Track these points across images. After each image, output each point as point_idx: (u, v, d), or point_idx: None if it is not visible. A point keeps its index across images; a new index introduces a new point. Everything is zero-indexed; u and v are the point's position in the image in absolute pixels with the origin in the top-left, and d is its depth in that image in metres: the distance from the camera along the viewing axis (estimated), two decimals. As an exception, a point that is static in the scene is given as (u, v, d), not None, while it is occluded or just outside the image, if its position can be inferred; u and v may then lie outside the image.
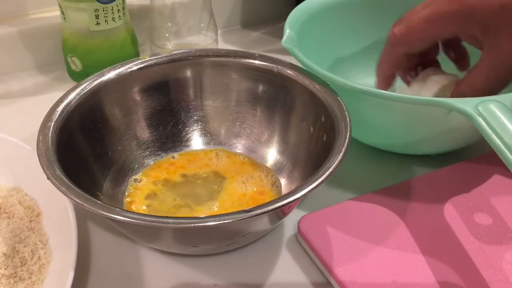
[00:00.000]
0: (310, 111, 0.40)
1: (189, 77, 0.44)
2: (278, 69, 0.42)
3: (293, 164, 0.41)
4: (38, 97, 0.56)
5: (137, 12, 0.62)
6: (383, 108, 0.40)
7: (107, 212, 0.29)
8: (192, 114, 0.45)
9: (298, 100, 0.41)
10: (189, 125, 0.45)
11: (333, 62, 0.53)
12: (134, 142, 0.42)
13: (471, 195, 0.41)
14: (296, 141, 0.42)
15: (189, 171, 0.42)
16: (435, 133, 0.41)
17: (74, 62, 0.55)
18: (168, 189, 0.41)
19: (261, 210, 0.29)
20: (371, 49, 0.54)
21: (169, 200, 0.40)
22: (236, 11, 0.72)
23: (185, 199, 0.40)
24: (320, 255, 0.35)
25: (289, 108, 0.42)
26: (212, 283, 0.35)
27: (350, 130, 0.35)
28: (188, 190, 0.41)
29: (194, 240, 0.33)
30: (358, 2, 0.53)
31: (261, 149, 0.43)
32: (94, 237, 0.39)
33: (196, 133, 0.45)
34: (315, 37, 0.50)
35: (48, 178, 0.31)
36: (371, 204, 0.40)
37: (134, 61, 0.42)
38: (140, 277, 0.36)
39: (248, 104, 0.44)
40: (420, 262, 0.35)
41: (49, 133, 0.35)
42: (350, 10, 0.53)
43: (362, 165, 0.46)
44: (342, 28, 0.53)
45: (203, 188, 0.41)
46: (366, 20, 0.53)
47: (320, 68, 0.40)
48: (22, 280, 0.34)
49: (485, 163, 0.44)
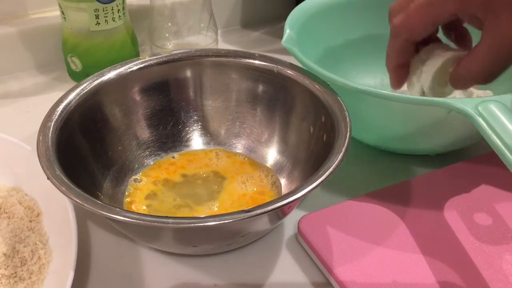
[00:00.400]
0: (310, 111, 0.40)
1: (189, 77, 0.44)
2: (278, 69, 0.42)
3: (293, 164, 0.41)
4: (38, 97, 0.56)
5: (137, 12, 0.62)
6: (383, 108, 0.40)
7: (107, 212, 0.29)
8: (192, 114, 0.45)
9: (298, 100, 0.41)
10: (189, 125, 0.45)
11: (333, 62, 0.53)
12: (134, 142, 0.42)
13: (471, 195, 0.41)
14: (296, 141, 0.42)
15: (189, 171, 0.42)
16: (435, 133, 0.41)
17: (74, 62, 0.55)
18: (168, 189, 0.41)
19: (261, 210, 0.29)
20: (371, 49, 0.54)
21: (169, 200, 0.40)
22: (236, 11, 0.72)
23: (185, 199, 0.40)
24: (320, 255, 0.35)
25: (289, 108, 0.42)
26: (212, 283, 0.35)
27: (350, 130, 0.35)
28: (188, 190, 0.41)
29: (194, 240, 0.33)
30: (358, 2, 0.53)
31: (261, 149, 0.44)
32: (94, 237, 0.39)
33: (196, 133, 0.45)
34: (315, 37, 0.50)
35: (48, 178, 0.31)
36: (371, 204, 0.40)
37: (134, 61, 0.42)
38: (140, 277, 0.36)
39: (248, 104, 0.44)
40: (420, 262, 0.35)
41: (49, 133, 0.35)
42: (350, 10, 0.53)
43: (362, 165, 0.46)
44: (342, 28, 0.53)
45: (203, 188, 0.41)
46: (366, 20, 0.53)
47: (320, 68, 0.40)
48: (22, 280, 0.34)
49: (485, 163, 0.44)
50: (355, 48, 0.54)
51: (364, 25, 0.53)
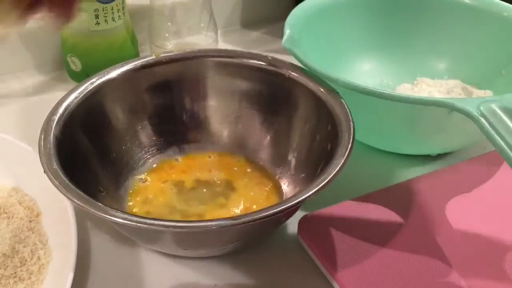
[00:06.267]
0: (314, 114, 0.40)
1: (192, 77, 0.43)
2: (288, 73, 0.41)
3: (295, 167, 0.41)
4: (38, 97, 0.56)
5: (137, 12, 0.62)
6: (384, 108, 0.40)
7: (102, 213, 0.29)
8: (195, 115, 0.44)
9: (302, 103, 0.41)
10: (192, 126, 0.44)
11: (333, 62, 0.53)
12: (137, 142, 0.42)
13: (472, 195, 0.41)
14: (299, 144, 0.41)
15: (192, 173, 0.42)
16: (436, 133, 0.41)
17: (74, 62, 0.55)
18: (170, 190, 0.40)
19: (248, 218, 0.29)
20: (371, 48, 0.54)
21: (171, 202, 0.39)
22: (236, 11, 0.71)
23: (187, 201, 0.39)
24: (321, 255, 0.35)
25: (292, 110, 0.42)
26: (212, 283, 0.35)
27: (354, 134, 0.35)
28: (190, 192, 0.40)
29: (183, 243, 0.34)
30: (358, 2, 0.53)
31: (263, 152, 0.43)
32: (94, 237, 0.38)
33: (199, 134, 0.44)
34: (315, 37, 0.50)
35: (49, 178, 0.31)
36: (371, 204, 0.39)
37: (136, 61, 0.42)
38: (140, 277, 0.36)
39: (251, 106, 0.43)
40: (421, 262, 0.35)
41: (51, 133, 0.35)
42: (350, 9, 0.53)
43: (362, 165, 0.45)
44: (342, 28, 0.53)
45: (206, 190, 0.41)
46: (366, 19, 0.53)
47: (320, 68, 0.40)
48: (22, 280, 0.33)
49: (485, 163, 0.44)
50: (355, 48, 0.54)
51: (364, 25, 0.53)
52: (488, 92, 0.48)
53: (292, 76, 0.41)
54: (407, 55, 0.53)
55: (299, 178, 0.40)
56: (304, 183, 0.38)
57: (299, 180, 0.40)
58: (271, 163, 0.42)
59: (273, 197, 0.40)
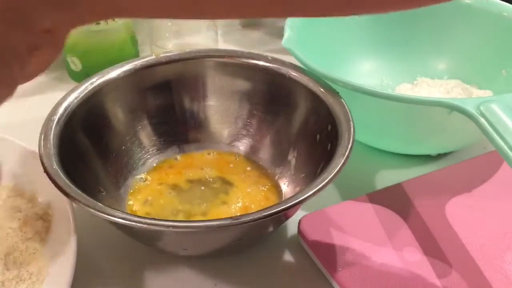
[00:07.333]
0: (314, 114, 0.40)
1: (191, 77, 0.43)
2: (288, 73, 0.41)
3: (295, 167, 0.41)
4: (38, 97, 0.55)
5: (137, 12, 0.62)
6: (384, 108, 0.40)
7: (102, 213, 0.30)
8: (195, 115, 0.44)
9: (302, 103, 0.41)
10: (192, 126, 0.44)
11: (333, 62, 0.53)
12: (137, 142, 0.42)
13: (472, 195, 0.41)
14: (299, 144, 0.41)
15: (192, 172, 0.42)
16: (436, 133, 0.41)
17: (73, 62, 0.55)
18: (170, 190, 0.40)
19: (249, 218, 0.29)
20: (371, 48, 0.54)
21: (171, 202, 0.39)
22: (236, 11, 0.71)
23: (187, 201, 0.39)
24: (321, 255, 0.35)
25: (292, 110, 0.42)
26: (212, 283, 0.35)
27: (354, 134, 0.35)
28: (190, 192, 0.40)
29: (183, 243, 0.34)
30: (358, 2, 0.53)
31: (263, 151, 0.43)
32: (94, 237, 0.38)
33: (199, 134, 0.44)
34: (315, 37, 0.50)
35: (49, 178, 0.31)
36: (371, 204, 0.39)
37: (136, 61, 0.42)
38: (140, 277, 0.36)
39: (251, 106, 0.43)
40: (421, 262, 0.35)
41: (51, 133, 0.35)
42: (351, 10, 0.53)
43: (362, 165, 0.45)
44: (342, 28, 0.53)
45: (206, 190, 0.40)
46: (366, 19, 0.53)
47: (321, 68, 0.40)
48: (23, 281, 0.33)
49: (485, 163, 0.44)
50: (355, 48, 0.54)
51: (364, 24, 0.53)
52: (488, 92, 0.48)
53: (292, 76, 0.41)
54: (407, 55, 0.53)
55: (299, 178, 0.40)
56: (304, 183, 0.38)
57: (299, 180, 0.40)
58: (271, 163, 0.42)
59: (272, 197, 0.40)
